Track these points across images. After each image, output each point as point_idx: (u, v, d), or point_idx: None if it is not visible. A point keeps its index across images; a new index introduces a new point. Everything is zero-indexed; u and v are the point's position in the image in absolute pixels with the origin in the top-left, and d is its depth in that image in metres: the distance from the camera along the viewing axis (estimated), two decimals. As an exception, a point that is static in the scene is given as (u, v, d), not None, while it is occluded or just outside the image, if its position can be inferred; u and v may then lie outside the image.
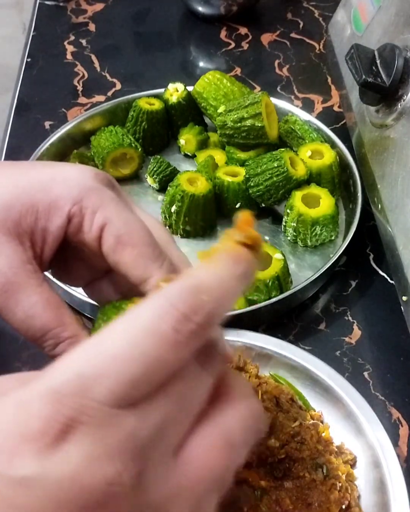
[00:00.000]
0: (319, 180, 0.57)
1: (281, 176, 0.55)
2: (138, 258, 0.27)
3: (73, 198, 0.28)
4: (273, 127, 0.60)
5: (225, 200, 0.58)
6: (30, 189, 0.28)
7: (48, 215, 0.28)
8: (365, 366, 0.49)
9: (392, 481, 0.38)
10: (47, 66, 0.80)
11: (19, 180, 0.28)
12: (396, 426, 0.45)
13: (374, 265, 0.56)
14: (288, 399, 0.43)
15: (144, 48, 0.83)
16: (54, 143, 0.63)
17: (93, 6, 0.90)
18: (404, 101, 0.45)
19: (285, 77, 0.77)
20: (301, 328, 0.52)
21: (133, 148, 0.61)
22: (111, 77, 0.78)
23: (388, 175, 0.47)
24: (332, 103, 0.73)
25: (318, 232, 0.55)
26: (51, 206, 0.28)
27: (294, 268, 0.55)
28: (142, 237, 0.28)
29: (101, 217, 0.28)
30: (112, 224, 0.27)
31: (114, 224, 0.27)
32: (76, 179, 0.28)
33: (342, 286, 0.55)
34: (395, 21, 0.49)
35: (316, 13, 0.87)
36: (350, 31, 0.60)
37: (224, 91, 0.63)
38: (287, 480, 0.39)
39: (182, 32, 0.87)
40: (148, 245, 0.28)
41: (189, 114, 0.65)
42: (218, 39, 0.84)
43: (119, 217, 0.28)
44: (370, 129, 0.52)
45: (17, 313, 0.27)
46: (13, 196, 0.28)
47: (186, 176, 0.56)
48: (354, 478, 0.40)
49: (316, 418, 0.43)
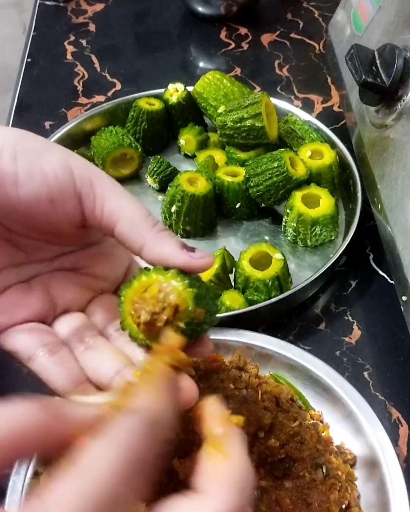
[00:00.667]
0: (319, 180, 0.57)
1: (281, 176, 0.55)
2: (133, 229, 0.29)
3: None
4: (273, 127, 0.60)
5: (225, 200, 0.58)
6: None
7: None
8: (365, 366, 0.49)
9: (391, 481, 0.38)
10: (47, 66, 0.80)
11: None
12: (396, 426, 0.45)
13: (374, 265, 0.56)
14: (288, 399, 0.43)
15: (144, 48, 0.83)
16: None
17: (93, 6, 0.90)
18: (403, 101, 0.46)
19: (285, 77, 0.77)
20: (301, 328, 0.52)
21: (133, 148, 0.61)
22: (111, 77, 0.78)
23: (388, 175, 0.47)
24: (332, 103, 0.73)
25: (318, 232, 0.55)
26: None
27: (294, 268, 0.55)
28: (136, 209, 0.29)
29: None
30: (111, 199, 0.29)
31: (113, 199, 0.29)
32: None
33: (342, 286, 0.55)
34: (395, 22, 0.50)
35: (316, 13, 0.87)
36: (350, 31, 0.60)
37: (224, 91, 0.63)
38: (287, 479, 0.39)
39: (182, 32, 0.87)
40: (140, 215, 0.29)
41: (189, 114, 0.65)
42: (218, 39, 0.84)
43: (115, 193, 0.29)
44: (370, 129, 0.52)
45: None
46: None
47: (186, 176, 0.56)
48: (354, 478, 0.40)
49: (316, 418, 0.43)
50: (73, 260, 0.33)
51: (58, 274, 0.32)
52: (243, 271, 0.51)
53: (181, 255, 0.28)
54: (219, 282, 0.52)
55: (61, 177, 0.28)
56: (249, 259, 0.51)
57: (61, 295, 0.32)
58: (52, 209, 0.29)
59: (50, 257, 0.32)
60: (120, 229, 0.29)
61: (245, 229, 0.59)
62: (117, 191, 0.29)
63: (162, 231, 0.29)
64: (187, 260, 0.28)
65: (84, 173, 0.29)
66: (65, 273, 0.33)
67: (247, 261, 0.51)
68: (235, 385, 0.43)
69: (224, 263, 0.53)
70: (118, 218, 0.29)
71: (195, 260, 0.28)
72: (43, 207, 0.28)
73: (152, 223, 0.29)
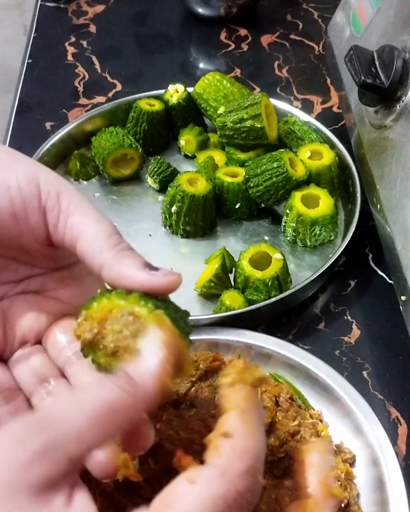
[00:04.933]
0: (318, 180, 0.58)
1: (281, 177, 0.55)
2: (93, 247, 0.27)
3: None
4: (272, 128, 0.60)
5: (224, 201, 0.58)
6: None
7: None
8: (364, 366, 0.49)
9: (390, 480, 0.38)
10: (48, 67, 0.81)
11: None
12: (395, 425, 0.46)
13: (373, 265, 0.56)
14: (288, 398, 0.43)
15: (145, 49, 0.84)
16: (55, 144, 0.63)
17: (94, 7, 0.90)
18: (402, 102, 0.46)
19: (285, 78, 0.78)
20: (301, 328, 0.52)
21: (133, 149, 0.62)
22: (112, 78, 0.78)
23: (387, 176, 0.47)
24: (331, 104, 0.74)
25: (317, 232, 0.55)
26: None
27: (293, 268, 0.55)
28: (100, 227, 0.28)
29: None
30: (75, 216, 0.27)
31: (76, 217, 0.27)
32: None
33: (341, 286, 0.55)
34: (394, 23, 0.50)
35: (315, 14, 0.87)
36: (349, 32, 0.60)
37: (223, 92, 0.63)
38: (286, 478, 0.40)
39: (182, 34, 0.87)
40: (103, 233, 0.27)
41: (189, 115, 0.65)
42: (218, 41, 0.84)
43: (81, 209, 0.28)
44: (369, 130, 0.52)
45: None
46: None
47: (186, 177, 0.56)
48: (353, 477, 0.41)
49: (315, 417, 0.43)
50: (39, 282, 0.31)
51: (19, 299, 0.31)
52: (243, 271, 0.51)
53: (142, 274, 0.26)
54: (218, 282, 0.52)
55: (25, 189, 0.27)
56: (248, 259, 0.51)
57: (19, 323, 0.30)
58: (14, 223, 0.27)
59: (16, 279, 0.31)
60: (80, 247, 0.27)
61: (244, 229, 0.59)
62: (83, 206, 0.27)
63: (124, 250, 0.27)
64: (148, 280, 0.26)
65: (51, 186, 0.27)
66: (26, 297, 0.31)
67: (246, 261, 0.51)
68: (235, 384, 0.43)
69: (224, 263, 0.53)
70: (80, 234, 0.27)
71: (158, 279, 0.26)
72: (5, 220, 0.27)
73: (115, 242, 0.27)
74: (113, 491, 0.37)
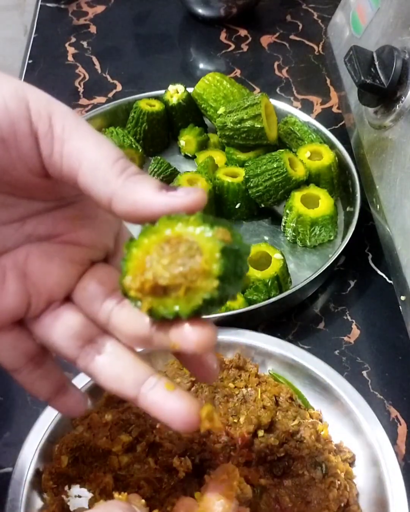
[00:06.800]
0: (318, 180, 0.58)
1: (281, 177, 0.55)
2: (97, 176, 0.22)
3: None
4: (272, 128, 0.60)
5: (224, 201, 0.58)
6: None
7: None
8: (363, 365, 0.49)
9: (390, 479, 0.38)
10: (48, 67, 0.81)
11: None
12: (395, 425, 0.46)
13: (373, 265, 0.57)
14: (287, 397, 0.43)
15: (145, 50, 0.84)
16: (55, 144, 0.63)
17: (94, 8, 0.90)
18: (402, 103, 0.46)
19: (284, 78, 0.78)
20: (300, 328, 0.52)
21: (133, 149, 0.62)
22: (112, 79, 0.79)
23: (387, 176, 0.47)
24: (331, 105, 0.74)
25: (317, 232, 0.55)
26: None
27: (293, 268, 0.55)
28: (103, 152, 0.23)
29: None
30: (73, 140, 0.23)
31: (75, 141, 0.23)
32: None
33: (341, 285, 0.55)
34: (394, 23, 0.50)
35: (315, 15, 0.88)
36: (348, 33, 0.60)
37: (223, 93, 0.63)
38: (286, 478, 0.40)
39: (182, 34, 0.87)
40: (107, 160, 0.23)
41: (189, 115, 0.66)
42: (218, 41, 0.84)
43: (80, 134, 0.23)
44: (368, 130, 0.52)
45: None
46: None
47: (186, 177, 0.56)
48: (353, 476, 0.41)
49: (315, 417, 0.43)
50: (48, 223, 0.26)
51: (34, 250, 0.26)
52: (243, 271, 0.51)
53: (161, 198, 0.22)
54: (218, 282, 0.52)
55: (13, 108, 0.22)
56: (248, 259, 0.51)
57: (41, 279, 0.26)
58: (3, 150, 0.22)
59: (18, 216, 0.26)
60: (82, 179, 0.22)
61: (244, 229, 0.59)
62: (80, 130, 0.23)
63: (134, 175, 0.22)
64: (169, 203, 0.22)
65: (42, 107, 0.22)
66: (42, 247, 0.26)
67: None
68: (235, 384, 0.44)
69: (224, 263, 0.53)
70: (79, 164, 0.22)
71: (180, 199, 0.22)
72: None
73: (122, 168, 0.22)
74: (113, 491, 0.37)
